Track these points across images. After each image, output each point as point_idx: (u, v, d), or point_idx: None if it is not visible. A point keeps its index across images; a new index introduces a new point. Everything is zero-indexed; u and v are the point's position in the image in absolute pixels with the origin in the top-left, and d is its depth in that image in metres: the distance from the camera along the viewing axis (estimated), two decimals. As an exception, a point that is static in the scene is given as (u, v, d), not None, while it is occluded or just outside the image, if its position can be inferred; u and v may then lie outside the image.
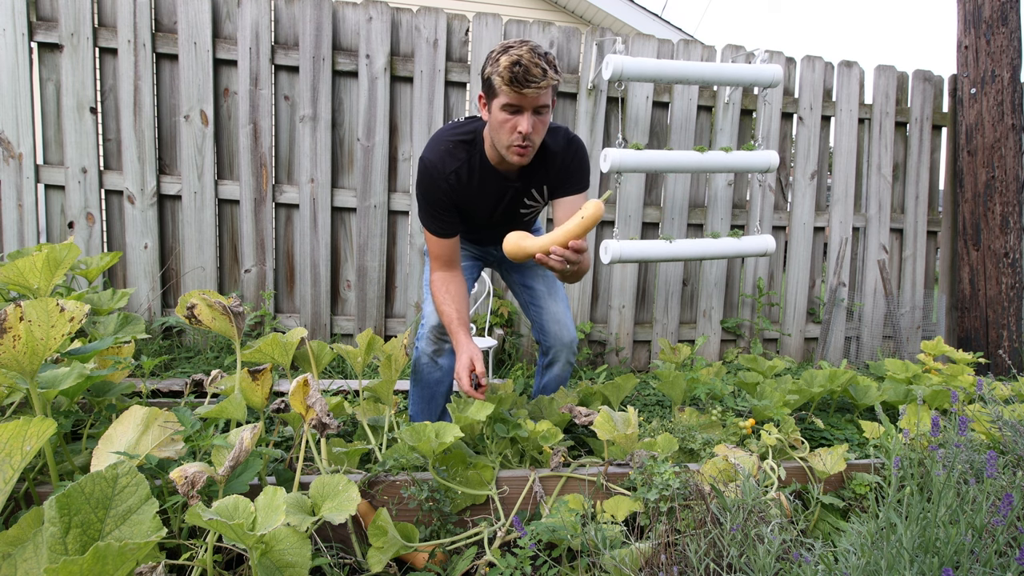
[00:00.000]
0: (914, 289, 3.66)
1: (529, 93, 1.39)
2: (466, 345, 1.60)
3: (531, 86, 1.38)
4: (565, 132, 1.67)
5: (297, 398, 1.29)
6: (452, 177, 1.61)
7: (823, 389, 2.17)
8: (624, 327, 3.30)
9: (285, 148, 2.95)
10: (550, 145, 1.62)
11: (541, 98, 1.42)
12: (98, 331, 1.71)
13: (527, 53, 1.37)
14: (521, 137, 1.46)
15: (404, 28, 2.97)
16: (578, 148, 1.68)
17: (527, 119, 1.43)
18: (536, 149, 1.53)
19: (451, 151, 1.61)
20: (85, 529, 0.86)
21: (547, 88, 1.41)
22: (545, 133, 1.53)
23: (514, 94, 1.40)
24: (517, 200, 1.71)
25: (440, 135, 1.64)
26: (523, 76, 1.37)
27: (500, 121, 1.46)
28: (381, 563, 1.21)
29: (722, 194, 3.35)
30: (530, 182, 1.68)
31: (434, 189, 1.61)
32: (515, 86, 1.38)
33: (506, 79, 1.38)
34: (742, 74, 2.98)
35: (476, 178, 1.63)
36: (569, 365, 2.01)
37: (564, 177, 1.67)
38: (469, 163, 1.62)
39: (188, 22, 2.76)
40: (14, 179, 2.70)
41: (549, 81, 1.39)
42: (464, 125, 1.65)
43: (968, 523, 0.99)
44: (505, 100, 1.42)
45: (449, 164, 1.60)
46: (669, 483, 1.32)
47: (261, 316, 2.91)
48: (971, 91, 3.46)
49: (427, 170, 1.61)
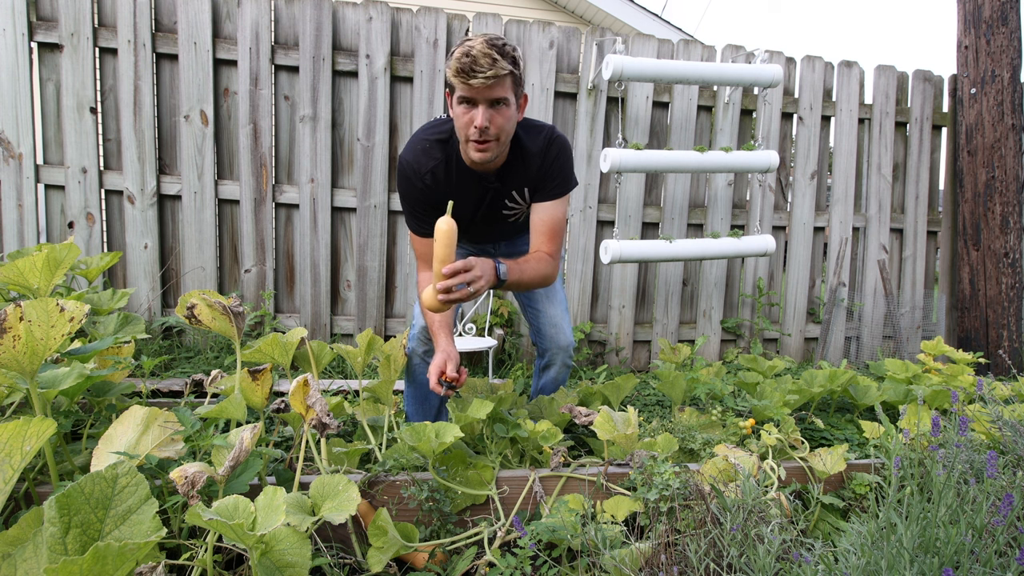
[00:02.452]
0: (914, 289, 3.66)
1: (477, 84, 1.34)
2: (443, 346, 1.58)
3: (478, 76, 1.33)
4: (548, 132, 1.60)
5: (297, 398, 1.29)
6: (428, 177, 1.57)
7: (823, 389, 2.17)
8: (624, 327, 3.30)
9: (285, 148, 2.95)
10: (528, 146, 1.57)
11: (494, 90, 1.37)
12: (98, 331, 1.71)
13: (480, 44, 1.33)
14: (477, 132, 1.41)
15: (404, 28, 2.97)
16: (560, 149, 1.60)
17: (481, 112, 1.39)
18: (501, 145, 1.48)
19: (427, 150, 1.57)
20: (85, 529, 0.86)
21: (497, 79, 1.35)
22: (511, 129, 1.47)
23: (464, 86, 1.36)
24: (498, 201, 1.66)
25: (417, 134, 1.62)
26: (470, 67, 1.33)
27: (458, 115, 1.43)
28: (381, 563, 1.21)
29: (722, 194, 3.35)
30: (509, 183, 1.62)
31: (411, 188, 1.59)
32: (462, 77, 1.35)
33: (454, 70, 1.35)
34: (742, 74, 2.98)
35: (453, 178, 1.59)
36: (566, 368, 2.00)
37: (542, 179, 1.61)
38: (446, 163, 1.58)
39: (188, 22, 2.76)
40: (14, 179, 2.70)
41: (497, 71, 1.33)
42: (441, 124, 1.61)
43: (968, 523, 0.99)
44: (459, 93, 1.39)
45: (425, 164, 1.57)
46: (669, 483, 1.32)
47: (261, 316, 2.91)
48: (971, 91, 3.46)
49: (404, 169, 1.59)
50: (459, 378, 1.54)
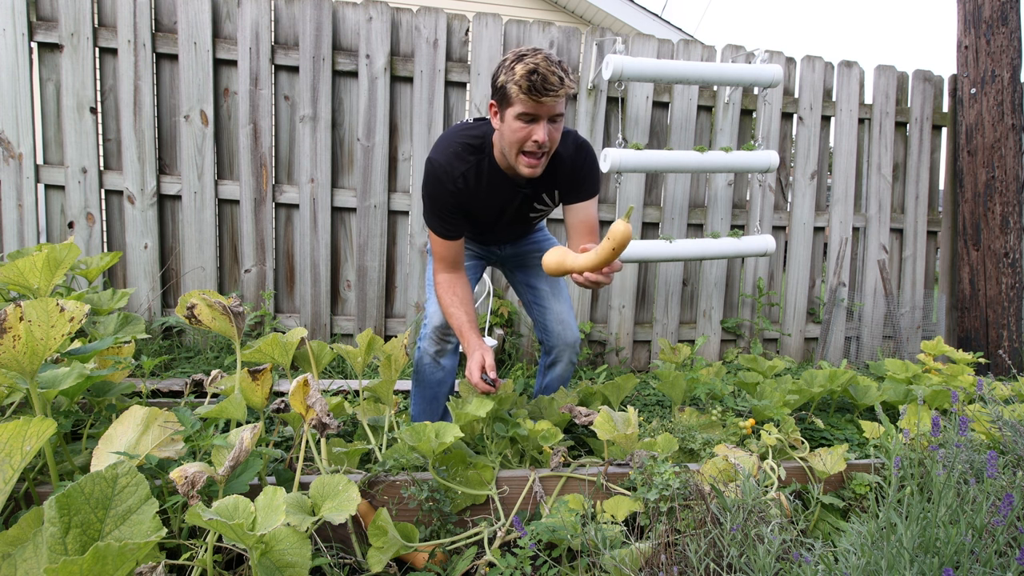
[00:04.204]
0: (914, 289, 3.66)
1: (547, 102, 1.38)
2: (478, 346, 1.61)
3: (549, 95, 1.37)
4: (575, 137, 1.65)
5: (297, 398, 1.29)
6: (460, 180, 1.58)
7: (823, 389, 2.17)
8: (624, 327, 3.30)
9: (285, 148, 2.95)
10: (560, 151, 1.60)
11: (558, 107, 1.42)
12: (98, 331, 1.71)
13: (543, 61, 1.36)
14: (536, 145, 1.45)
15: (404, 28, 2.97)
16: (588, 153, 1.66)
17: (543, 128, 1.42)
18: (548, 158, 1.52)
19: (460, 154, 1.58)
20: (85, 529, 0.86)
21: (563, 96, 1.41)
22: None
23: (531, 103, 1.39)
24: (527, 205, 1.69)
25: (449, 136, 1.62)
26: (541, 84, 1.35)
27: (514, 130, 1.45)
28: (381, 563, 1.21)
29: (722, 194, 3.35)
30: (540, 187, 1.66)
31: (441, 191, 1.59)
32: (533, 95, 1.37)
33: (524, 88, 1.36)
34: (742, 74, 2.98)
35: (485, 181, 1.61)
36: (571, 365, 2.01)
37: (575, 183, 1.65)
38: (478, 167, 1.59)
39: (188, 22, 2.76)
40: (14, 179, 2.70)
41: (566, 89, 1.39)
42: (473, 128, 1.62)
43: (968, 523, 0.99)
44: (521, 109, 1.41)
45: (458, 167, 1.58)
46: (669, 483, 1.32)
47: (261, 316, 2.91)
48: (971, 91, 3.46)
49: (435, 172, 1.59)
50: (496, 376, 1.59)
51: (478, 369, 1.57)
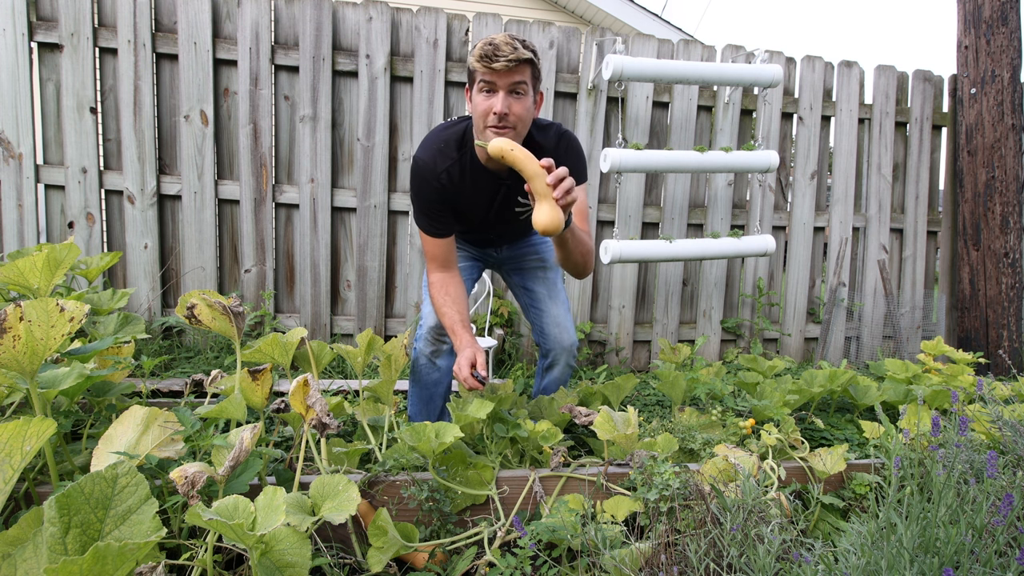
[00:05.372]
0: (914, 289, 3.66)
1: (499, 67, 1.39)
2: (470, 343, 1.60)
3: (500, 59, 1.38)
4: (557, 128, 1.65)
5: (297, 398, 1.29)
6: (444, 176, 1.60)
7: (823, 389, 2.17)
8: (624, 327, 3.30)
9: (285, 148, 2.95)
10: (541, 142, 1.60)
11: (514, 75, 1.42)
12: (98, 331, 1.71)
13: (502, 36, 1.41)
14: (496, 118, 1.44)
15: (404, 28, 2.97)
16: (570, 143, 1.64)
17: (501, 98, 1.42)
18: (518, 136, 1.49)
19: (442, 150, 1.60)
20: (85, 529, 0.86)
21: (519, 64, 1.40)
22: (528, 121, 1.50)
23: (486, 70, 1.41)
24: (510, 199, 1.68)
25: (432, 134, 1.64)
26: (492, 52, 1.39)
27: (477, 105, 1.47)
28: (381, 563, 1.21)
29: (722, 194, 3.35)
30: (522, 180, 1.65)
31: (426, 188, 1.61)
32: (484, 61, 1.40)
33: (477, 55, 1.41)
34: (742, 74, 2.98)
35: (468, 177, 1.62)
36: (569, 368, 2.00)
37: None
38: (460, 162, 1.60)
39: (188, 22, 2.76)
40: (14, 179, 2.70)
41: (519, 55, 1.39)
42: (455, 124, 1.63)
43: (968, 523, 0.99)
44: (480, 78, 1.43)
45: (440, 163, 1.59)
46: (669, 483, 1.32)
47: (261, 316, 2.91)
48: (971, 91, 3.46)
49: (419, 170, 1.61)
50: (486, 375, 1.57)
51: (468, 365, 1.55)
